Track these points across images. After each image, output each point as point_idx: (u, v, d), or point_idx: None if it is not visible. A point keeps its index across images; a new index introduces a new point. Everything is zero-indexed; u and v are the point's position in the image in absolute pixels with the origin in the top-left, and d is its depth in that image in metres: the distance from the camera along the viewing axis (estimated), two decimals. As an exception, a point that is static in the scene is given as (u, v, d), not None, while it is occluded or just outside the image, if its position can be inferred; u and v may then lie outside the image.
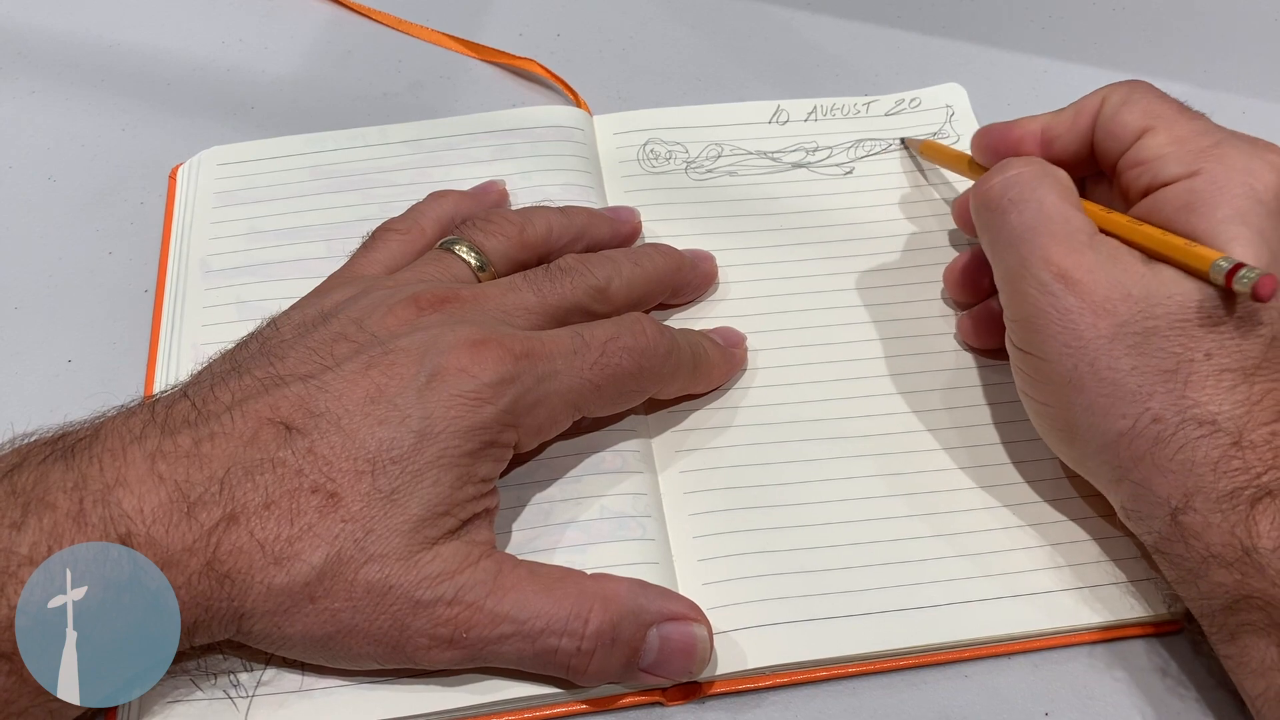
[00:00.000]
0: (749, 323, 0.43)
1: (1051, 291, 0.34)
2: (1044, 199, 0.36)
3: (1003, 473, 0.39)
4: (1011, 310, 0.36)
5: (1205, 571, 0.32)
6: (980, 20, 0.55)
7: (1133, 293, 0.34)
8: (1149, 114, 0.37)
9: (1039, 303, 0.35)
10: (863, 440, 0.40)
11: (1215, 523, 0.32)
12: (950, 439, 0.40)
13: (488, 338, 0.35)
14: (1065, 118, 0.40)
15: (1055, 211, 0.36)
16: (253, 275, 0.44)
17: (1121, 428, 0.33)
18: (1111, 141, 0.38)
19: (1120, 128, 0.38)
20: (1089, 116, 0.39)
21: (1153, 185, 0.36)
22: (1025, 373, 0.36)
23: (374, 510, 0.32)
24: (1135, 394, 0.33)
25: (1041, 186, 0.37)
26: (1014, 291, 0.36)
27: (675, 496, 0.39)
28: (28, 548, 0.30)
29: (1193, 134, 0.36)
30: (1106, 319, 0.34)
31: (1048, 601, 0.36)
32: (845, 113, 0.50)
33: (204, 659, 0.34)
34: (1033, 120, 0.40)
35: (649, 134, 0.49)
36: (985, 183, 0.38)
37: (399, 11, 0.56)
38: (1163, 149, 0.36)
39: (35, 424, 0.34)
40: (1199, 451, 0.32)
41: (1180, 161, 0.36)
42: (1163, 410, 0.33)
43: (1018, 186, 0.37)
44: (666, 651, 0.34)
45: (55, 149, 0.50)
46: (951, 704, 0.35)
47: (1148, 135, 0.37)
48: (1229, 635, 0.32)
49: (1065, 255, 0.35)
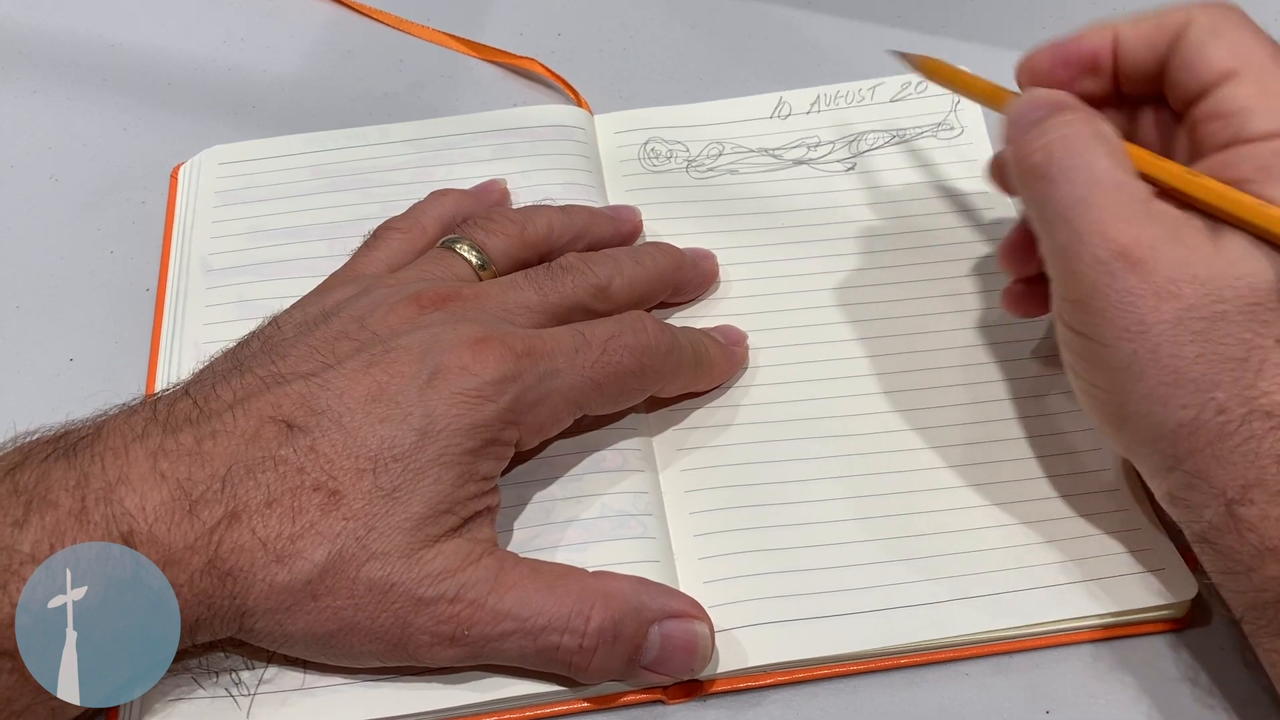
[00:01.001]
0: (750, 321, 0.43)
1: (1111, 271, 0.31)
2: (1095, 163, 0.33)
3: (1004, 470, 0.39)
4: (1065, 289, 0.33)
5: (1259, 565, 0.31)
6: (980, 20, 0.55)
7: (1199, 274, 0.31)
8: (1238, 54, 0.33)
9: (1096, 283, 0.32)
10: (864, 438, 0.40)
11: (1274, 516, 0.30)
12: (952, 436, 0.40)
13: (489, 336, 0.35)
14: (1144, 31, 0.35)
15: (1109, 178, 0.32)
16: (254, 274, 0.44)
17: (1183, 418, 0.31)
18: (1188, 77, 0.34)
19: (1203, 64, 0.34)
20: (1169, 32, 0.35)
21: (1235, 140, 0.33)
22: (1078, 354, 0.33)
23: (376, 508, 0.32)
24: (1199, 383, 0.31)
25: (1092, 148, 0.33)
26: (1068, 270, 0.33)
27: (676, 495, 0.39)
28: (30, 546, 0.30)
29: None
30: (1170, 303, 0.31)
31: (1051, 597, 0.36)
32: (849, 100, 0.50)
33: (206, 657, 0.34)
34: (1104, 28, 0.36)
35: (649, 133, 0.49)
36: (1027, 145, 0.34)
37: (399, 11, 0.56)
38: (1248, 100, 0.33)
39: (37, 423, 0.34)
40: (1265, 444, 0.30)
41: (1268, 118, 0.32)
42: (1228, 401, 0.31)
43: (1065, 150, 0.33)
44: (668, 649, 0.34)
45: (56, 149, 0.50)
46: (952, 703, 0.35)
47: (1232, 82, 0.33)
48: (1276, 630, 0.31)
49: (1125, 230, 0.32)
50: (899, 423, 0.40)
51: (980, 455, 0.40)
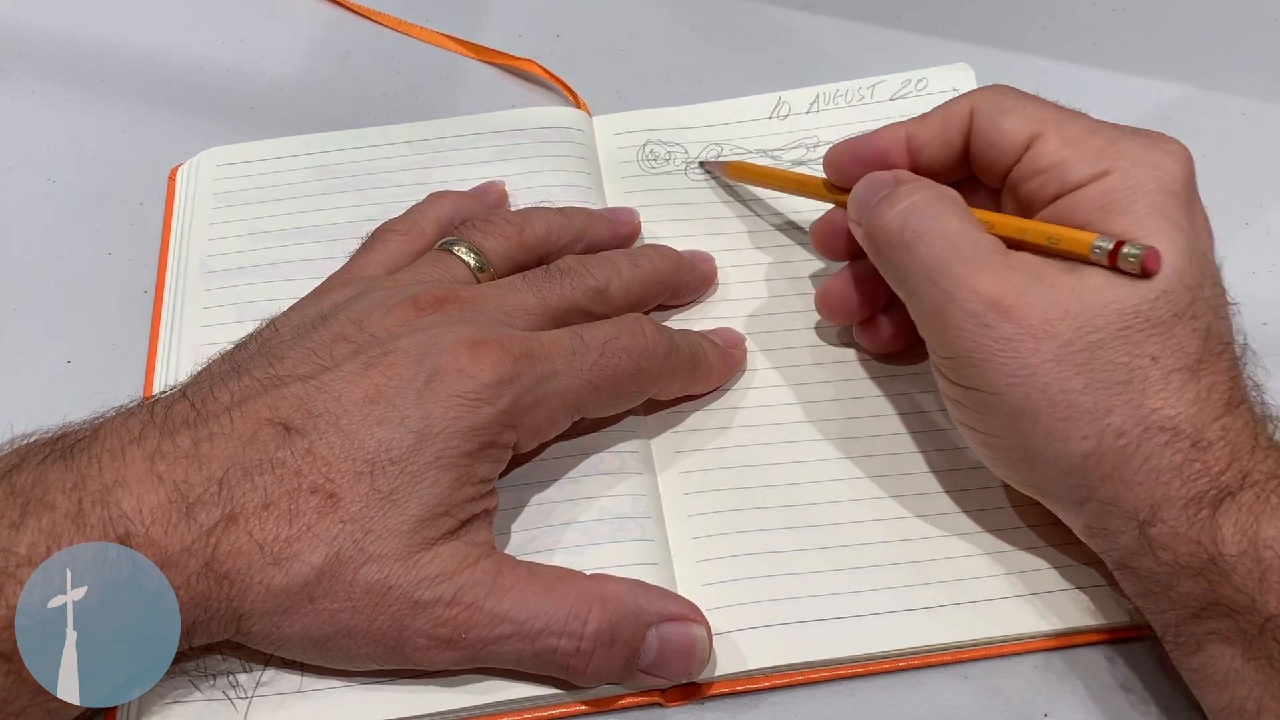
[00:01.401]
0: (748, 323, 0.43)
1: (985, 323, 0.33)
2: (948, 224, 0.34)
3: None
4: (942, 348, 0.34)
5: (1174, 583, 0.32)
6: (980, 20, 0.55)
7: (1070, 309, 0.32)
8: (1031, 119, 0.36)
9: (975, 336, 0.33)
10: (862, 441, 0.40)
11: (1182, 531, 0.31)
12: (952, 438, 0.40)
13: (487, 338, 0.35)
14: (931, 125, 0.38)
15: (965, 237, 0.34)
16: (253, 276, 0.44)
17: (1085, 449, 0.32)
18: (995, 153, 0.37)
19: (1004, 138, 0.36)
20: (957, 124, 0.37)
21: (1061, 191, 0.35)
22: (968, 408, 0.35)
23: (373, 511, 0.32)
24: (1093, 412, 0.32)
25: (942, 211, 0.35)
26: (943, 328, 0.34)
27: (674, 497, 0.39)
28: (27, 548, 0.30)
29: (1085, 133, 0.35)
30: (1049, 341, 0.32)
31: (1049, 601, 0.36)
32: (849, 99, 0.50)
33: (203, 659, 0.34)
34: (895, 129, 0.39)
35: (648, 134, 0.49)
36: (880, 216, 0.36)
37: (399, 12, 0.56)
38: (1060, 153, 0.35)
39: (35, 424, 0.34)
40: (1163, 459, 0.32)
41: (1085, 163, 0.34)
42: (1124, 424, 0.32)
43: (917, 216, 0.35)
44: (666, 652, 0.34)
45: (55, 149, 0.50)
46: (951, 704, 0.35)
47: (1038, 142, 0.35)
48: (1194, 646, 0.32)
49: (991, 281, 0.33)
50: (898, 425, 0.40)
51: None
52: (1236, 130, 0.50)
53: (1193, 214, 0.34)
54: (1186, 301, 0.33)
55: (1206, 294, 0.33)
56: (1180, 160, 0.35)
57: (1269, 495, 0.31)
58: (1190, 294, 0.33)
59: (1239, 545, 0.30)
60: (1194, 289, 0.33)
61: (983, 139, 0.37)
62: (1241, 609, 0.30)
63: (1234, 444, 0.32)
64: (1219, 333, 0.33)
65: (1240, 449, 0.32)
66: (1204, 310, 0.33)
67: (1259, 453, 0.32)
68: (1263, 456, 0.32)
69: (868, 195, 0.37)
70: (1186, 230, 0.33)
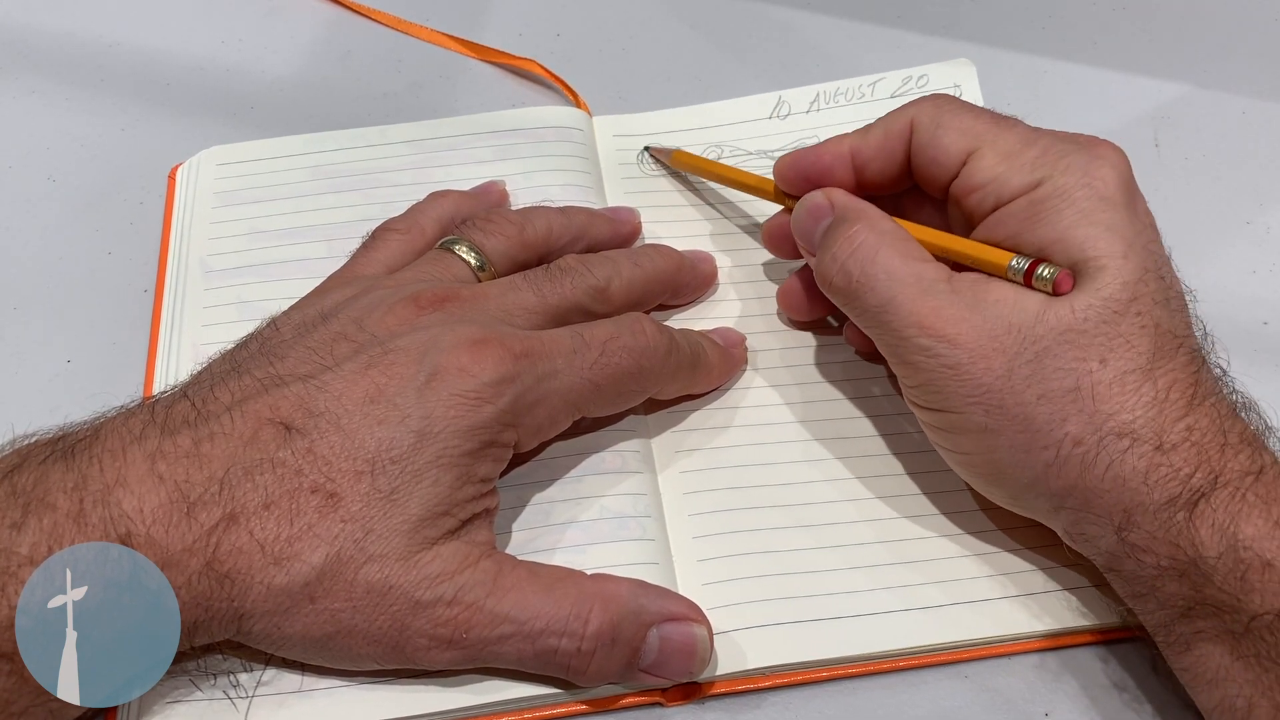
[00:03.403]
0: (748, 323, 0.43)
1: (936, 353, 0.34)
2: (889, 264, 0.35)
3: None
4: (906, 378, 0.36)
5: (1159, 584, 0.32)
6: (980, 20, 0.55)
7: (1013, 322, 0.33)
8: (967, 133, 0.36)
9: (928, 366, 0.34)
10: (862, 441, 0.40)
11: (1160, 535, 0.31)
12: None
13: (487, 337, 0.35)
14: (874, 139, 0.39)
15: (905, 273, 0.35)
16: (253, 275, 0.44)
17: (1046, 459, 0.33)
18: (935, 168, 0.37)
19: (942, 153, 0.37)
20: (899, 138, 0.38)
21: (998, 204, 0.36)
22: (939, 429, 0.35)
23: (373, 510, 0.32)
24: (1049, 422, 0.32)
25: (882, 251, 0.35)
26: (901, 362, 0.35)
27: (675, 497, 0.39)
28: (28, 548, 0.30)
29: (1019, 146, 0.36)
30: (997, 358, 0.33)
31: (1044, 602, 0.36)
32: (849, 97, 0.50)
33: (204, 659, 0.34)
34: (839, 142, 0.39)
35: (647, 139, 0.49)
36: (825, 269, 0.37)
37: (399, 11, 0.56)
38: (995, 169, 0.36)
39: (35, 424, 0.34)
40: (1126, 465, 0.32)
41: (1018, 176, 0.35)
42: (1080, 432, 0.32)
43: (859, 263, 0.36)
44: (666, 652, 0.34)
45: (55, 149, 0.50)
46: (951, 704, 0.35)
47: (974, 157, 0.36)
48: (1184, 646, 0.32)
49: (934, 314, 0.34)
50: (898, 425, 0.40)
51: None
52: (1236, 130, 0.50)
53: (1132, 213, 0.34)
54: (1127, 299, 0.33)
55: (1150, 289, 0.33)
56: (1111, 164, 0.35)
57: (1244, 494, 0.31)
58: (1130, 290, 0.33)
59: (1218, 547, 0.31)
60: (1133, 285, 0.33)
61: (922, 154, 0.38)
62: (1227, 608, 0.30)
63: (1200, 444, 0.32)
64: (1170, 327, 0.33)
65: (1208, 449, 0.32)
66: (1149, 305, 0.33)
67: (1229, 450, 0.32)
68: (1234, 454, 0.32)
69: (808, 226, 0.39)
70: (1122, 229, 0.34)
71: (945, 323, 0.34)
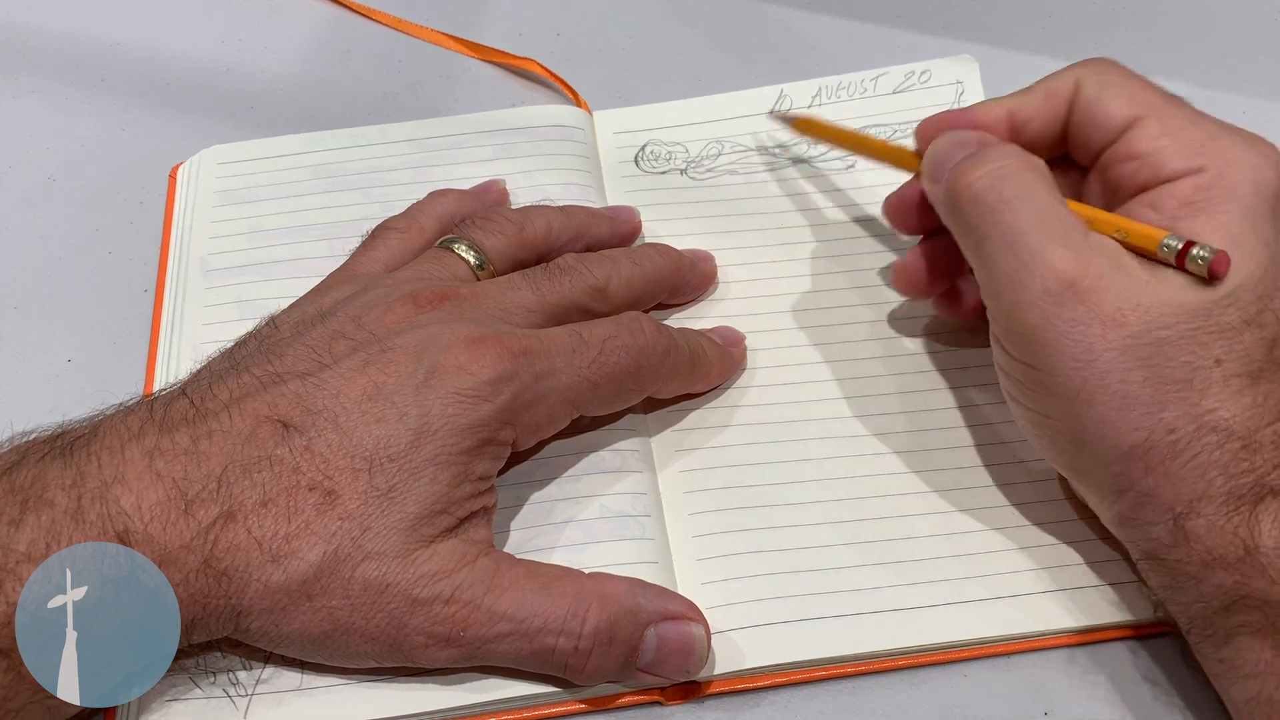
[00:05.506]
0: (748, 322, 0.43)
1: (1060, 301, 0.32)
2: (1037, 195, 0.34)
3: (1003, 473, 0.39)
4: (1009, 320, 0.34)
5: (1205, 574, 0.32)
6: (980, 20, 0.55)
7: (1143, 302, 0.32)
8: (1135, 100, 0.35)
9: (1046, 313, 0.32)
10: (862, 440, 0.40)
11: (1219, 525, 0.31)
12: (951, 439, 0.40)
13: (486, 335, 0.35)
14: (1034, 100, 0.37)
15: (1050, 210, 0.33)
16: (253, 274, 0.44)
17: (1135, 440, 0.32)
18: (1094, 130, 0.36)
19: (1105, 116, 0.36)
20: (1063, 100, 0.37)
21: (1153, 180, 0.34)
22: (1022, 383, 0.34)
23: (371, 508, 0.32)
24: (1149, 405, 0.32)
25: (1031, 180, 0.34)
26: (1014, 300, 0.33)
27: (674, 496, 0.39)
28: (26, 545, 0.30)
29: (1186, 124, 0.35)
30: (1117, 330, 0.32)
31: (1047, 603, 0.36)
32: (851, 92, 0.50)
33: (202, 657, 0.34)
34: (997, 104, 0.38)
35: (648, 134, 0.49)
36: (965, 175, 0.35)
37: (399, 11, 0.56)
38: (1157, 141, 0.34)
39: (35, 423, 0.34)
40: (1212, 458, 0.32)
41: (1181, 156, 0.34)
42: (1177, 421, 0.32)
43: (1005, 181, 0.34)
44: (664, 651, 0.34)
45: (55, 148, 0.51)
46: (951, 704, 0.35)
47: (1138, 125, 0.35)
48: (1222, 639, 0.32)
49: (1072, 261, 0.32)
50: (898, 424, 0.40)
51: (978, 459, 0.39)
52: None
53: (1276, 223, 0.34)
54: (1255, 310, 0.32)
55: (1276, 305, 0.33)
56: (1275, 165, 0.34)
57: None
58: (1260, 303, 0.32)
59: (1277, 540, 0.30)
60: (1264, 299, 0.33)
61: (1083, 115, 0.36)
62: (1274, 602, 0.30)
63: None
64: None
65: None
66: (1271, 320, 0.33)
67: None
68: None
69: (949, 152, 0.36)
70: (1269, 241, 0.33)
71: (1081, 273, 0.32)
